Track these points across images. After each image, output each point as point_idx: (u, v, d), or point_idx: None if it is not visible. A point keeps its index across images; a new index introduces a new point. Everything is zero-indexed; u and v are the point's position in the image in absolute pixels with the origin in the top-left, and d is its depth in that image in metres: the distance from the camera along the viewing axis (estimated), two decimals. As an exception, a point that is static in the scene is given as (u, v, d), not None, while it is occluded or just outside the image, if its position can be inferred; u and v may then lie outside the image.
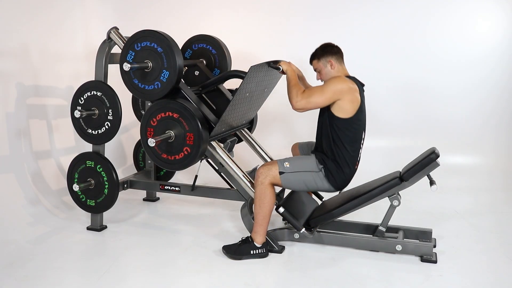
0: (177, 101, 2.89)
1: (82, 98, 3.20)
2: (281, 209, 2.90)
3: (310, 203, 3.21)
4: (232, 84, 3.66)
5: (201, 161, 3.23)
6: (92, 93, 3.17)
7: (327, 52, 2.93)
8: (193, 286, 2.54)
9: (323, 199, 3.35)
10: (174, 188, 3.42)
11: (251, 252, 2.86)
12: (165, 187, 3.45)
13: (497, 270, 2.74)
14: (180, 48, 3.14)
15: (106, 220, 3.42)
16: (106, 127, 3.18)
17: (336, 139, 2.83)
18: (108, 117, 3.16)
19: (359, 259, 2.85)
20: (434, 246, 2.94)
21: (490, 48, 4.58)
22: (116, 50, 3.22)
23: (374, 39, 4.67)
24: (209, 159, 3.22)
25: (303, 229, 2.87)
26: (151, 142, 2.77)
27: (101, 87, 3.15)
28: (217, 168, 3.23)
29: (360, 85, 2.91)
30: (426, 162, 2.74)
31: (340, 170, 2.84)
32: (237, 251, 2.86)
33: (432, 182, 2.79)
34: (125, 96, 3.39)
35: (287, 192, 3.33)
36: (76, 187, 3.19)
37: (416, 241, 2.96)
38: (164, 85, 2.89)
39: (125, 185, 3.48)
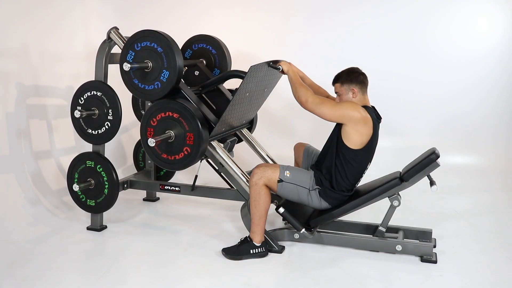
0: (177, 101, 2.89)
1: (82, 98, 3.20)
2: (281, 209, 2.90)
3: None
4: (232, 84, 3.66)
5: (201, 161, 3.23)
6: (92, 93, 3.17)
7: (353, 79, 2.85)
8: (193, 286, 2.54)
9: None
10: (174, 188, 3.42)
11: (251, 251, 2.86)
12: (165, 187, 3.45)
13: (497, 270, 2.74)
14: (180, 48, 3.14)
15: (106, 220, 3.42)
16: (106, 127, 3.18)
17: (339, 166, 2.83)
18: (108, 117, 3.16)
19: (359, 259, 2.85)
20: (434, 246, 2.94)
21: (490, 48, 4.57)
22: (116, 50, 3.21)
23: (374, 39, 4.67)
24: (209, 159, 3.22)
25: (303, 229, 2.87)
26: (151, 142, 2.77)
27: (101, 87, 3.15)
28: (217, 168, 3.23)
29: (377, 118, 2.86)
30: (426, 162, 2.74)
31: (335, 193, 2.87)
32: (237, 251, 2.86)
33: (432, 183, 2.79)
34: (125, 96, 3.39)
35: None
36: (76, 187, 3.19)
37: (416, 241, 2.96)
38: (164, 85, 2.89)
39: (125, 185, 3.48)
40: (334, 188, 2.85)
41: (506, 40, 4.54)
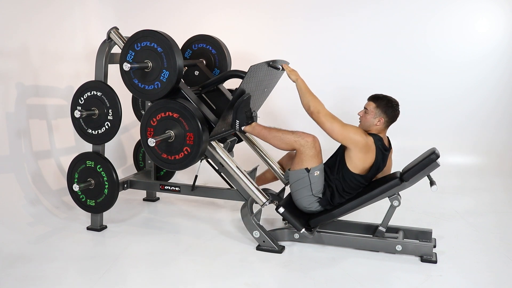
0: (177, 101, 2.89)
1: (82, 98, 3.20)
2: (281, 209, 2.90)
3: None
4: (232, 84, 3.66)
5: (201, 161, 3.23)
6: (92, 93, 3.17)
7: (388, 111, 2.91)
8: (193, 286, 2.54)
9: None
10: (174, 188, 3.42)
11: None
12: (165, 187, 3.44)
13: (497, 270, 2.74)
14: (180, 48, 3.14)
15: (106, 220, 3.42)
16: (106, 127, 3.18)
17: (338, 184, 2.92)
18: (108, 117, 3.16)
19: (359, 259, 2.85)
20: (434, 246, 2.94)
21: (490, 48, 4.58)
22: (116, 50, 3.22)
23: (374, 39, 4.68)
24: (209, 159, 3.22)
25: (303, 229, 2.88)
26: (151, 142, 2.77)
27: (101, 87, 3.15)
28: (217, 168, 3.23)
29: (383, 148, 2.90)
30: (426, 162, 2.74)
31: (329, 205, 2.97)
32: None
33: (432, 183, 2.79)
34: (125, 96, 3.39)
35: (287, 192, 3.33)
36: (76, 187, 3.19)
37: (416, 241, 2.96)
38: (164, 85, 2.89)
39: (125, 185, 3.48)
40: (331, 201, 2.94)
41: (506, 40, 4.55)
